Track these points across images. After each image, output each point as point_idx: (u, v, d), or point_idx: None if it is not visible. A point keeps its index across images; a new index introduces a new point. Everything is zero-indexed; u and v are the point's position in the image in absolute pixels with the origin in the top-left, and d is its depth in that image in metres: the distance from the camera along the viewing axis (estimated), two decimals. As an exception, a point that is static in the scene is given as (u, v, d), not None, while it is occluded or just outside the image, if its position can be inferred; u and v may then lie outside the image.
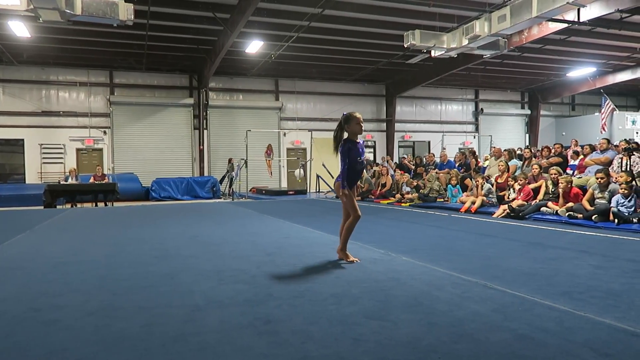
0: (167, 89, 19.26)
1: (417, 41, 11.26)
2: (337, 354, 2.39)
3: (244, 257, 5.06)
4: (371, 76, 20.38)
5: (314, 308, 3.16)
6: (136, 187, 16.45)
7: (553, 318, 2.89)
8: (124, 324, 2.88)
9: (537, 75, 20.99)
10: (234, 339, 2.62)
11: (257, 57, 16.68)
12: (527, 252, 5.26)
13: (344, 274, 4.16)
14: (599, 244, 5.78)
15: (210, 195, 16.79)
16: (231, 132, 19.64)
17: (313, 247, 5.61)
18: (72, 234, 7.32)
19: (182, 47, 16.04)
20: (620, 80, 19.92)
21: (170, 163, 19.01)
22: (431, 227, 7.73)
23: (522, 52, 16.63)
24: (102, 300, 3.43)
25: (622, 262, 4.62)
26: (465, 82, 22.03)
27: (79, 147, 18.30)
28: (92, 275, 4.27)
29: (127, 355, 2.41)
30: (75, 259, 5.10)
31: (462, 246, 5.74)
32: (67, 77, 18.10)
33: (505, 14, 10.09)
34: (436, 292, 3.52)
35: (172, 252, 5.45)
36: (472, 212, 9.43)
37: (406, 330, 2.72)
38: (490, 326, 2.76)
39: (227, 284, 3.86)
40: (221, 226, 7.95)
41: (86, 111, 18.24)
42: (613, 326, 2.73)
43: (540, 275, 4.08)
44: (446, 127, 23.19)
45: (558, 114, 25.30)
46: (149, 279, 4.08)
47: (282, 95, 20.66)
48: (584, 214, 7.49)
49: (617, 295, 3.40)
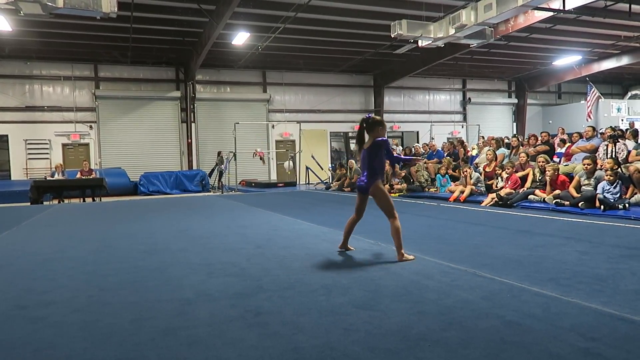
0: (153, 82, 19.05)
1: (404, 31, 11.23)
2: (328, 344, 2.40)
3: (234, 250, 5.05)
4: (359, 67, 20.33)
5: (304, 299, 3.17)
6: (124, 182, 16.30)
7: (540, 304, 2.92)
8: (113, 320, 2.86)
9: (524, 64, 21.09)
10: (224, 331, 2.62)
11: (244, 49, 16.55)
12: (515, 239, 5.31)
13: (333, 265, 4.17)
14: (586, 230, 5.85)
15: (200, 189, 16.70)
16: (219, 125, 19.51)
17: (303, 239, 5.61)
18: (59, 230, 7.24)
19: (168, 39, 15.85)
20: (605, 68, 20.09)
21: (159, 157, 18.86)
22: (420, 216, 7.76)
23: (509, 41, 16.68)
24: (90, 296, 3.40)
25: (607, 247, 4.68)
26: (452, 72, 22.08)
27: (65, 142, 18.06)
28: (80, 271, 4.24)
29: (116, 351, 2.39)
30: (63, 255, 5.05)
31: (451, 235, 5.78)
32: (51, 71, 17.81)
33: (491, 2, 10.08)
34: (425, 281, 3.55)
35: (161, 246, 5.41)
36: (461, 201, 9.49)
37: (396, 319, 2.73)
38: (479, 313, 2.79)
39: (217, 277, 3.85)
40: (210, 219, 7.91)
41: (71, 106, 17.99)
42: (599, 311, 2.77)
43: (528, 262, 4.13)
44: (434, 117, 23.25)
45: (545, 102, 25.48)
46: (138, 273, 4.06)
47: (270, 87, 20.55)
48: (571, 201, 7.57)
49: (603, 281, 3.45)
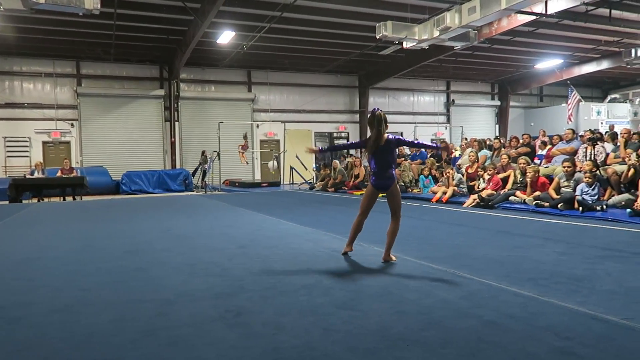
0: (137, 80, 18.83)
1: (389, 32, 11.30)
2: (308, 344, 2.41)
3: (217, 249, 5.03)
4: (344, 67, 20.38)
5: (286, 299, 3.18)
6: (106, 181, 16.09)
7: (518, 304, 2.98)
8: (93, 320, 2.84)
9: (507, 66, 21.37)
10: (205, 332, 2.62)
11: (229, 48, 16.46)
12: (496, 240, 5.39)
13: (316, 265, 4.19)
14: (564, 231, 5.96)
15: (183, 188, 16.57)
16: (203, 124, 19.35)
17: (286, 239, 5.62)
18: (39, 229, 7.13)
19: (152, 37, 15.69)
20: (585, 71, 20.46)
21: (141, 156, 18.64)
22: (403, 217, 7.78)
23: (492, 44, 16.88)
24: (70, 297, 3.36)
25: (585, 248, 4.78)
26: (436, 74, 22.26)
27: (46, 140, 17.75)
28: (60, 271, 4.18)
29: (95, 352, 2.38)
30: (42, 255, 4.98)
31: (433, 235, 5.84)
32: (32, 67, 17.48)
33: (475, 5, 10.21)
34: (406, 281, 3.58)
35: (143, 246, 5.37)
36: (444, 202, 9.58)
37: (376, 319, 2.76)
38: (458, 313, 2.83)
39: (199, 277, 3.84)
40: (193, 219, 7.87)
41: (52, 103, 17.68)
42: (575, 310, 2.84)
43: (508, 262, 4.19)
44: (418, 118, 23.41)
45: (527, 105, 25.84)
46: (119, 274, 4.02)
47: (255, 87, 20.47)
48: (551, 203, 7.71)
49: (580, 281, 3.52)
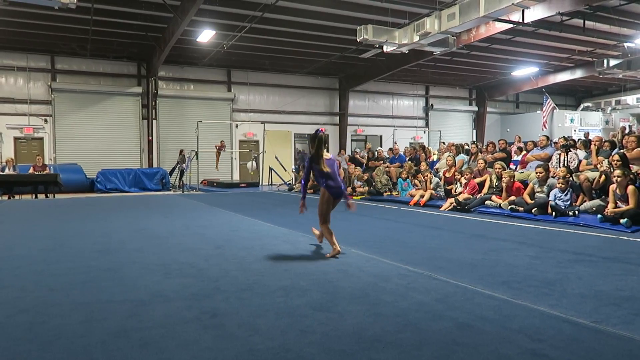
0: (114, 76, 18.49)
1: (369, 36, 11.35)
2: (283, 345, 2.39)
3: (192, 250, 4.97)
4: (324, 69, 20.41)
5: (262, 301, 3.15)
6: (80, 179, 15.74)
7: (492, 307, 3.01)
8: (61, 321, 2.76)
9: (484, 73, 21.73)
10: (179, 333, 2.57)
11: (209, 47, 16.31)
12: (471, 243, 5.45)
13: (292, 267, 4.17)
14: (537, 235, 6.07)
15: (159, 188, 16.32)
16: (181, 123, 19.13)
17: (263, 240, 5.58)
18: (8, 227, 6.93)
19: (130, 33, 15.42)
20: (560, 80, 20.98)
21: (117, 154, 18.29)
22: (380, 219, 7.86)
23: (471, 51, 17.15)
24: (38, 297, 3.27)
25: (557, 252, 4.87)
26: (416, 78, 22.49)
27: (17, 135, 17.27)
28: (27, 270, 4.06)
29: (62, 354, 2.31)
30: (10, 253, 4.83)
31: (410, 238, 5.88)
32: (4, 61, 16.98)
33: (454, 12, 10.34)
34: (382, 284, 3.59)
35: (116, 245, 5.26)
36: (421, 205, 9.67)
37: (352, 321, 2.75)
38: (433, 315, 2.85)
39: (173, 278, 3.77)
40: (169, 219, 7.75)
41: (25, 98, 17.23)
42: (546, 313, 2.88)
43: (482, 265, 4.25)
44: (397, 122, 23.60)
45: (503, 111, 26.32)
46: (90, 273, 3.93)
47: (235, 87, 20.33)
48: (525, 207, 7.84)
49: (551, 284, 3.58)
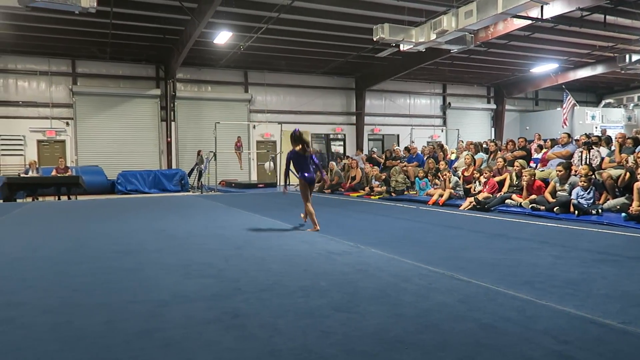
0: (133, 79, 18.75)
1: (386, 35, 11.30)
2: (305, 346, 2.38)
3: (212, 250, 4.99)
4: (341, 69, 20.38)
5: (282, 301, 3.14)
6: (101, 180, 15.99)
7: (515, 307, 2.96)
8: (84, 321, 2.79)
9: (503, 70, 21.45)
10: (200, 334, 2.58)
11: (226, 48, 16.42)
12: (492, 243, 5.38)
13: (312, 267, 4.16)
14: (560, 234, 5.96)
15: (179, 189, 16.50)
16: (199, 124, 19.30)
17: (282, 240, 5.58)
18: (32, 228, 7.07)
19: (148, 36, 15.63)
20: (580, 76, 20.57)
21: (137, 155, 18.55)
22: (399, 219, 7.81)
23: (488, 48, 16.94)
24: (61, 297, 3.31)
25: (580, 252, 4.77)
26: (433, 77, 22.30)
27: (40, 138, 17.64)
28: (51, 271, 4.13)
29: (86, 354, 2.33)
30: (34, 254, 4.92)
31: (429, 238, 5.82)
32: (27, 65, 17.37)
33: (471, 9, 10.23)
34: (403, 284, 3.56)
35: (137, 246, 5.32)
36: (440, 204, 9.58)
37: (373, 321, 2.73)
38: (455, 316, 2.81)
39: (194, 279, 3.80)
40: (189, 220, 7.82)
41: (47, 101, 17.58)
42: (572, 314, 2.82)
43: (504, 265, 4.18)
44: (415, 121, 23.45)
45: (522, 108, 25.94)
46: (112, 274, 3.97)
47: (252, 87, 20.43)
48: (546, 206, 7.71)
49: (576, 284, 3.51)
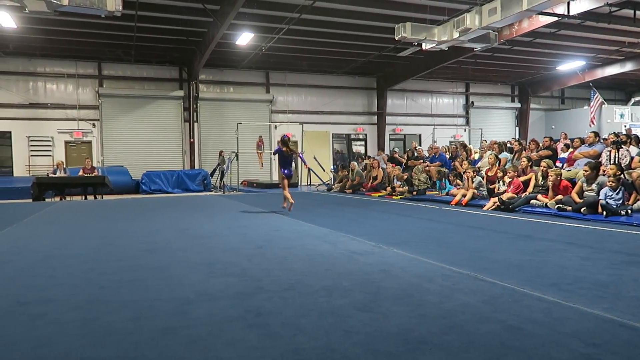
0: (157, 81, 19.07)
1: (408, 34, 11.23)
2: (328, 345, 2.38)
3: (234, 249, 5.04)
4: (362, 69, 20.33)
5: (305, 300, 3.16)
6: (126, 180, 16.31)
7: (542, 309, 2.91)
8: (112, 318, 2.85)
9: (527, 68, 21.08)
10: (224, 331, 2.61)
11: (248, 49, 16.56)
12: (517, 244, 5.29)
13: (334, 267, 4.16)
14: (587, 235, 5.83)
15: (201, 188, 16.70)
16: (222, 125, 19.52)
17: (303, 240, 5.60)
18: (60, 227, 7.25)
19: (172, 38, 15.88)
20: (609, 74, 20.07)
21: (161, 156, 18.87)
22: (422, 219, 7.75)
23: (513, 46, 16.67)
24: (90, 294, 3.39)
25: (609, 253, 4.66)
26: (456, 75, 22.07)
27: (68, 139, 18.10)
28: (80, 268, 4.23)
29: (114, 349, 2.39)
30: (63, 252, 5.05)
31: (452, 238, 5.76)
32: (55, 68, 17.84)
33: (495, 7, 10.09)
34: (426, 284, 3.53)
35: (162, 245, 5.41)
36: (463, 204, 9.47)
37: (396, 322, 2.72)
38: (479, 317, 2.77)
39: (217, 277, 3.84)
40: (212, 219, 7.91)
41: (74, 103, 18.02)
42: (601, 317, 2.76)
43: (529, 266, 4.11)
44: (437, 120, 23.24)
45: (548, 107, 25.46)
46: (138, 272, 4.05)
47: (273, 88, 20.56)
48: (573, 207, 7.55)
49: (605, 287, 3.43)
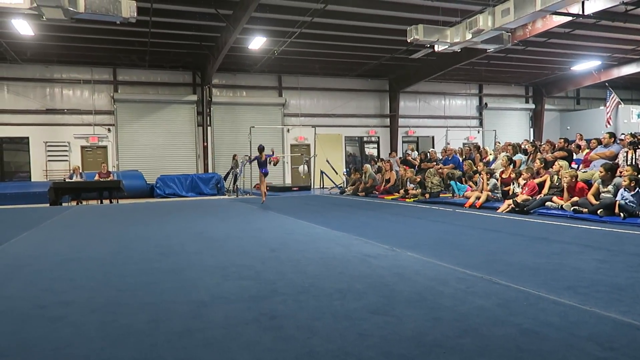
0: (171, 85, 19.27)
1: (420, 36, 11.18)
2: (342, 348, 2.40)
3: (249, 253, 5.07)
4: (374, 71, 20.32)
5: (319, 303, 3.17)
6: (141, 184, 16.48)
7: (558, 312, 2.88)
8: (129, 320, 2.90)
9: (542, 69, 20.87)
10: (240, 334, 2.64)
11: (260, 53, 16.66)
12: (532, 246, 5.24)
13: (348, 270, 4.17)
14: (604, 238, 5.75)
15: (215, 192, 16.80)
16: (235, 129, 19.64)
17: (317, 243, 5.61)
18: (77, 231, 7.36)
19: (185, 43, 16.04)
20: (625, 73, 19.78)
21: (175, 160, 19.05)
22: (435, 222, 7.72)
23: (526, 46, 16.52)
24: (107, 297, 3.45)
25: (627, 256, 4.60)
26: (468, 77, 21.92)
27: (84, 144, 18.36)
28: (97, 272, 4.30)
29: (132, 351, 2.42)
30: (81, 255, 5.13)
31: (466, 241, 5.73)
32: (71, 74, 18.13)
33: (509, 7, 10.00)
34: (440, 287, 3.52)
35: (177, 248, 5.47)
36: (477, 207, 9.41)
37: (411, 325, 2.72)
38: (494, 321, 2.76)
39: (232, 280, 3.87)
40: (225, 222, 7.97)
41: (90, 109, 18.29)
42: (618, 320, 2.73)
43: (545, 269, 4.07)
44: (450, 122, 23.10)
45: (562, 108, 25.15)
46: (154, 275, 4.10)
47: (285, 92, 20.64)
48: (589, 209, 7.45)
49: (622, 290, 3.39)
